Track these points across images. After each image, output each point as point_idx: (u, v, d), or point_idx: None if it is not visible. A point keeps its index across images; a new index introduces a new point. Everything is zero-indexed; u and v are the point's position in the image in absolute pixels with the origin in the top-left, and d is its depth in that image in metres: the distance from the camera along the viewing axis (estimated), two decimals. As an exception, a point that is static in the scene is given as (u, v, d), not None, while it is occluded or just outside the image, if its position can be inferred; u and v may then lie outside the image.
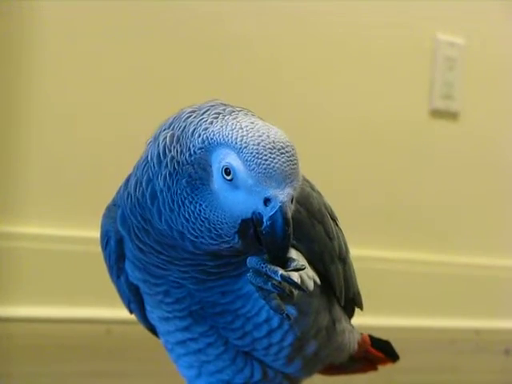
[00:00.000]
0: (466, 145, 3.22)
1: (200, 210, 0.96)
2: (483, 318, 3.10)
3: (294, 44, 2.87)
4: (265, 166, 0.92)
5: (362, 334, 1.30)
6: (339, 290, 1.16)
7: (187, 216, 0.97)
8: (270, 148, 0.93)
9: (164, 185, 0.98)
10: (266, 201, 0.92)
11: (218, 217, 0.96)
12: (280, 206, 0.92)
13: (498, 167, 3.31)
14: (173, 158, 0.97)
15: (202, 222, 0.97)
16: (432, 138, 3.15)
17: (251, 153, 0.92)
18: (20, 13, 2.46)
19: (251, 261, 0.94)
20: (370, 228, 2.91)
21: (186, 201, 0.97)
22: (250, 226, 0.94)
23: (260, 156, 0.92)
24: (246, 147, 0.92)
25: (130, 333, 2.24)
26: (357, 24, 2.98)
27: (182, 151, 0.96)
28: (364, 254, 1.21)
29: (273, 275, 0.92)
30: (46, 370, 1.80)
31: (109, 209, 1.12)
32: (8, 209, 2.45)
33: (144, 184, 1.01)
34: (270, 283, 0.91)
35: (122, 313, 2.33)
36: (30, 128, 2.49)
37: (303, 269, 0.94)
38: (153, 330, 1.19)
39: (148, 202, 1.00)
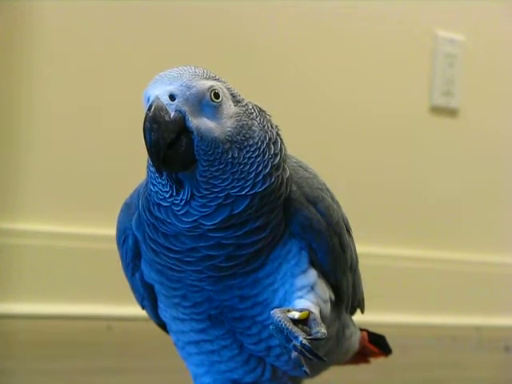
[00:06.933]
0: (465, 141, 3.22)
1: (151, 164, 0.99)
2: (484, 315, 3.11)
3: (294, 42, 2.87)
4: (155, 76, 0.99)
5: (361, 331, 1.31)
6: (347, 300, 1.16)
7: (148, 178, 1.01)
8: (170, 69, 1.00)
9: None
10: (147, 100, 0.97)
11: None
12: (152, 100, 0.95)
13: (498, 163, 3.31)
14: None
15: (151, 172, 1.00)
16: (432, 134, 3.16)
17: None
18: (20, 13, 2.46)
19: (274, 316, 0.95)
20: (370, 224, 2.91)
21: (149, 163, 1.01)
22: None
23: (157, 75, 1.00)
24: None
25: (131, 329, 2.25)
26: (357, 21, 2.98)
27: None
28: (363, 250, 1.21)
29: (293, 340, 0.93)
30: (46, 367, 1.80)
31: (127, 205, 1.12)
32: (9, 206, 2.45)
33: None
34: (291, 344, 0.93)
35: (122, 309, 2.35)
36: (31, 126, 2.49)
37: (323, 339, 0.95)
38: (163, 326, 1.19)
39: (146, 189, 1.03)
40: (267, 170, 1.01)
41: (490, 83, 3.26)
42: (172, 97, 0.96)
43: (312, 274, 1.06)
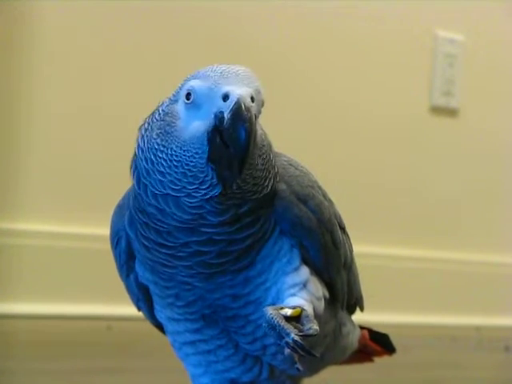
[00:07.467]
0: (465, 141, 3.23)
1: (171, 154, 0.99)
2: (484, 315, 3.11)
3: (294, 42, 2.87)
4: (220, 71, 0.98)
5: (361, 329, 1.30)
6: (342, 298, 1.16)
7: (161, 169, 0.99)
8: (225, 66, 0.99)
9: (138, 152, 1.03)
10: (225, 97, 0.96)
11: (187, 151, 0.98)
12: (238, 98, 0.94)
13: (498, 163, 3.31)
14: (146, 129, 1.03)
15: (176, 167, 0.98)
16: (432, 134, 3.16)
17: (209, 69, 0.99)
18: (20, 13, 2.46)
19: (266, 313, 0.96)
20: (370, 224, 2.91)
21: (158, 152, 1.00)
22: (215, 135, 0.96)
23: (216, 68, 0.99)
24: (204, 69, 1.00)
25: (131, 329, 2.25)
26: (357, 21, 2.98)
27: (152, 115, 1.03)
28: (363, 250, 1.21)
29: (285, 337, 0.94)
30: (46, 367, 1.80)
31: (120, 207, 1.12)
32: (9, 206, 2.46)
33: (132, 169, 1.05)
34: (283, 340, 0.94)
35: (122, 309, 2.36)
36: (31, 126, 2.49)
37: (315, 335, 0.95)
38: (160, 327, 1.19)
39: (136, 186, 1.03)
40: (271, 175, 1.02)
41: (490, 83, 3.26)
42: (252, 99, 0.97)
43: (304, 272, 1.06)
